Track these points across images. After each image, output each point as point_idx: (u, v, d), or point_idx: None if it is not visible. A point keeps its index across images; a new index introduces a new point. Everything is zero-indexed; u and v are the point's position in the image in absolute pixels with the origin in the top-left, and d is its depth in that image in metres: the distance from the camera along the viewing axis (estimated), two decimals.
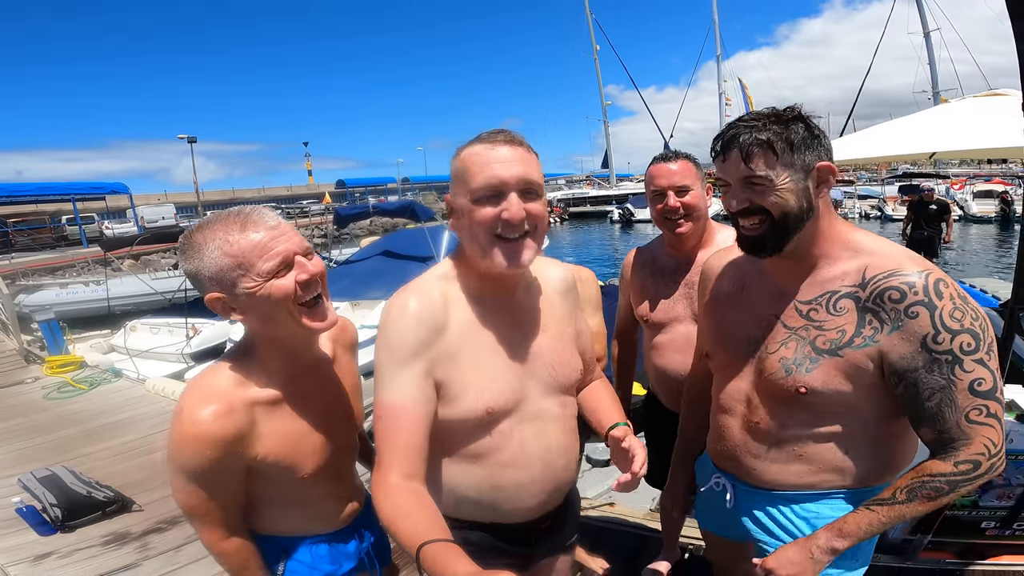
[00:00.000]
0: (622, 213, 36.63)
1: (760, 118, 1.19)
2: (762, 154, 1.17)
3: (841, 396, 1.22)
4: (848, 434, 1.27)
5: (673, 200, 1.97)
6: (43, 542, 3.40)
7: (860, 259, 1.22)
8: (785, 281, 1.31)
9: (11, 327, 8.67)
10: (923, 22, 39.09)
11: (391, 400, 1.15)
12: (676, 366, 2.09)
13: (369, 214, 12.68)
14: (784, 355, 1.27)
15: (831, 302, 1.23)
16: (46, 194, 28.22)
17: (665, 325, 2.12)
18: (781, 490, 1.37)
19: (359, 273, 8.53)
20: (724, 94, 60.22)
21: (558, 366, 1.33)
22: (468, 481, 1.27)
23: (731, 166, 1.21)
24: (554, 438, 1.32)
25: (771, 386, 1.30)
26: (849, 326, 1.20)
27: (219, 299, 1.19)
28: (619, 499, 3.47)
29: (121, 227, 30.13)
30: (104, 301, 12.61)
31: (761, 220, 1.21)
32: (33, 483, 3.76)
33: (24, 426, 5.51)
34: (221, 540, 1.28)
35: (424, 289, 1.23)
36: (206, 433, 1.16)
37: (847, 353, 1.19)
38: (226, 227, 1.17)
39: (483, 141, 1.19)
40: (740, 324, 1.39)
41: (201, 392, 1.22)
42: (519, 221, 1.16)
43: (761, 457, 1.37)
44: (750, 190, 1.20)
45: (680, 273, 2.10)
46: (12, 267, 18.39)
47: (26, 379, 7.17)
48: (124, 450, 4.77)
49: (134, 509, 3.73)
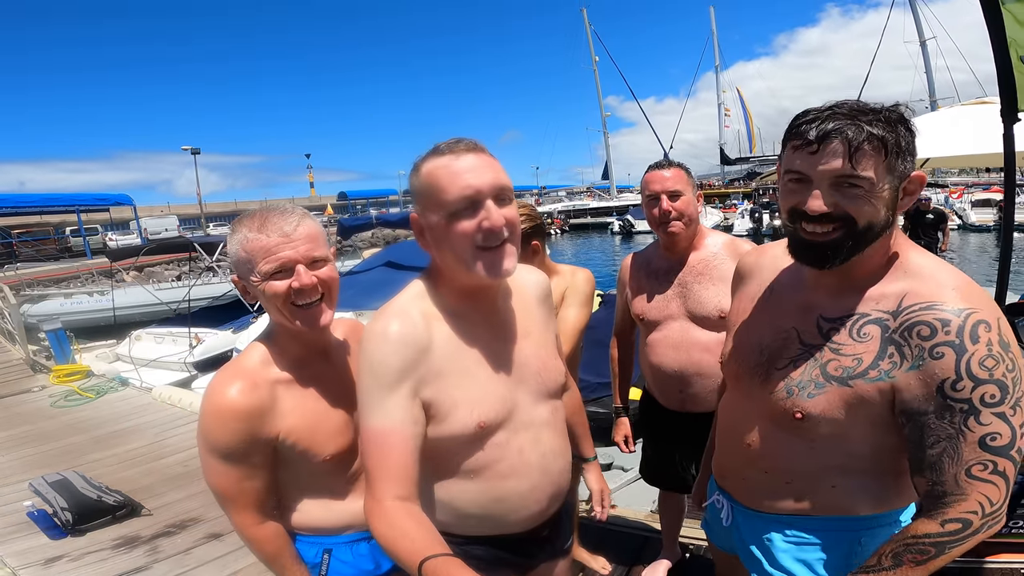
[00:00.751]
0: (622, 225, 36.79)
1: (864, 111, 1.04)
2: (872, 153, 1.02)
3: (839, 427, 1.14)
4: (843, 467, 1.19)
5: (666, 203, 2.08)
6: (54, 546, 3.45)
7: (904, 283, 1.10)
8: (816, 293, 1.20)
9: (18, 337, 8.76)
10: (919, 31, 39.42)
11: (379, 425, 1.13)
12: (670, 362, 2.19)
13: (372, 225, 12.80)
14: (791, 374, 1.18)
15: (856, 326, 1.12)
16: (50, 205, 28.37)
17: (660, 323, 2.21)
18: (772, 513, 1.30)
19: (363, 284, 8.57)
20: (723, 105, 60.57)
21: (544, 372, 1.33)
22: (468, 497, 1.25)
23: (825, 159, 1.04)
24: (549, 443, 1.32)
25: (770, 405, 1.22)
26: (867, 356, 1.09)
27: (238, 283, 1.38)
28: (620, 501, 3.51)
29: (125, 238, 30.34)
30: (109, 311, 12.68)
31: (836, 227, 1.06)
32: (44, 487, 3.82)
33: (32, 433, 5.57)
34: (255, 524, 1.34)
35: (403, 310, 1.20)
36: (233, 406, 1.27)
37: (857, 384, 1.10)
38: (250, 224, 1.31)
39: (444, 153, 1.16)
40: (757, 331, 1.30)
41: (228, 372, 1.35)
42: (500, 228, 1.15)
43: (751, 480, 1.32)
44: (840, 192, 1.05)
45: (673, 273, 2.20)
46: (18, 278, 18.49)
47: (33, 387, 7.25)
48: (131, 457, 4.83)
49: (143, 513, 3.78)
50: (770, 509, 1.31)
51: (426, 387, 1.17)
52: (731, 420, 1.37)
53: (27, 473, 4.43)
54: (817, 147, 1.04)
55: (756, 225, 27.33)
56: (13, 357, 8.61)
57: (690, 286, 2.16)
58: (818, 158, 1.04)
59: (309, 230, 1.33)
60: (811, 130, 1.05)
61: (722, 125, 61.97)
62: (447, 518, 1.26)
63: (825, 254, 1.09)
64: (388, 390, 1.14)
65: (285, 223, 1.30)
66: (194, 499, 3.90)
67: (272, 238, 1.29)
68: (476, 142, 1.19)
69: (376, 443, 1.13)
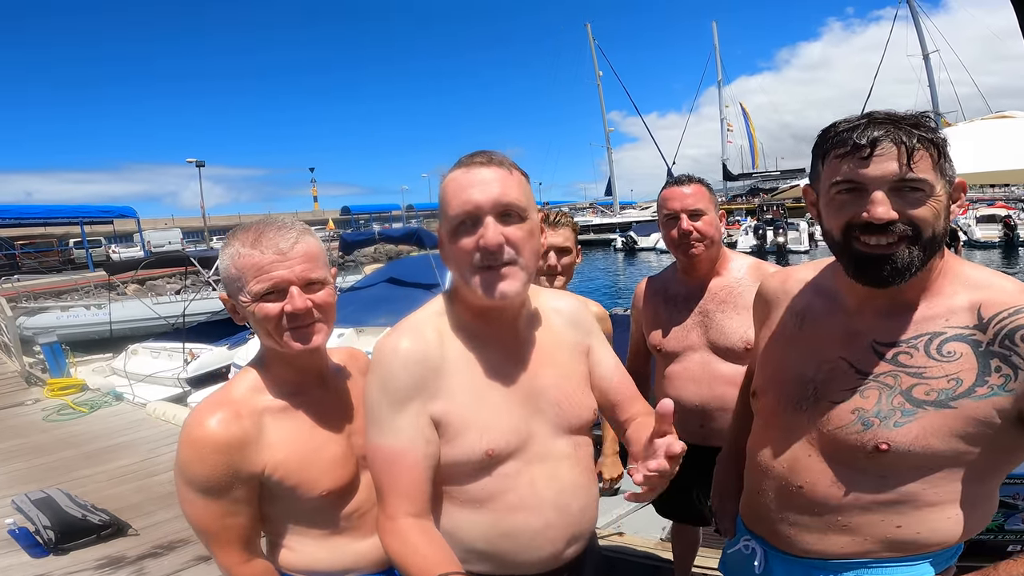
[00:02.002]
0: (625, 241, 36.74)
1: (902, 117, 1.01)
2: (926, 155, 0.98)
3: (934, 455, 1.04)
4: (915, 501, 1.08)
5: (686, 223, 1.93)
6: (35, 564, 3.33)
7: (968, 295, 1.04)
8: (861, 317, 1.12)
9: (13, 349, 8.67)
10: (922, 44, 39.72)
11: (389, 444, 1.10)
12: (690, 396, 2.03)
13: (375, 240, 12.79)
14: (861, 406, 1.08)
15: (934, 346, 1.04)
16: (55, 217, 28.56)
17: (679, 354, 2.06)
18: (819, 558, 1.18)
19: (364, 300, 8.55)
20: (726, 119, 60.87)
21: (564, 405, 1.22)
22: (475, 529, 1.17)
23: (881, 165, 0.98)
24: (568, 478, 1.21)
25: (834, 442, 1.11)
26: (966, 374, 1.01)
27: (227, 301, 1.26)
28: (629, 528, 3.39)
29: (128, 251, 30.44)
30: (106, 325, 12.61)
31: (900, 237, 0.99)
32: (27, 505, 3.70)
33: (23, 447, 5.45)
34: (240, 564, 1.22)
35: (417, 327, 1.17)
36: (210, 437, 1.16)
37: (963, 405, 1.01)
38: (243, 239, 1.20)
39: (461, 165, 1.13)
40: (797, 363, 1.20)
41: (212, 400, 1.24)
42: (496, 247, 1.08)
43: (798, 525, 1.20)
44: (902, 197, 0.98)
45: (693, 300, 2.05)
46: (15, 289, 18.47)
47: (26, 400, 7.14)
48: (121, 473, 4.70)
49: (130, 533, 3.65)
50: (818, 554, 1.18)
51: (436, 407, 1.13)
52: (767, 459, 1.25)
53: (13, 489, 4.30)
54: (870, 151, 0.98)
55: (760, 242, 27.21)
56: (8, 370, 8.52)
57: (712, 315, 2.00)
58: (872, 163, 0.98)
59: (308, 248, 1.21)
60: (858, 136, 0.99)
61: (724, 140, 62.26)
62: (455, 553, 1.14)
63: (895, 268, 1.00)
64: (398, 407, 1.11)
65: (282, 239, 1.19)
66: (184, 519, 3.73)
67: (266, 255, 1.17)
68: (498, 156, 1.14)
69: (386, 462, 1.11)
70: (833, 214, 1.05)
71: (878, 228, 0.99)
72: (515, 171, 1.14)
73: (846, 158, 1.01)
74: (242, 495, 1.20)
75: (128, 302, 14.87)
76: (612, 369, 1.34)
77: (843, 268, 1.09)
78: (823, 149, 1.07)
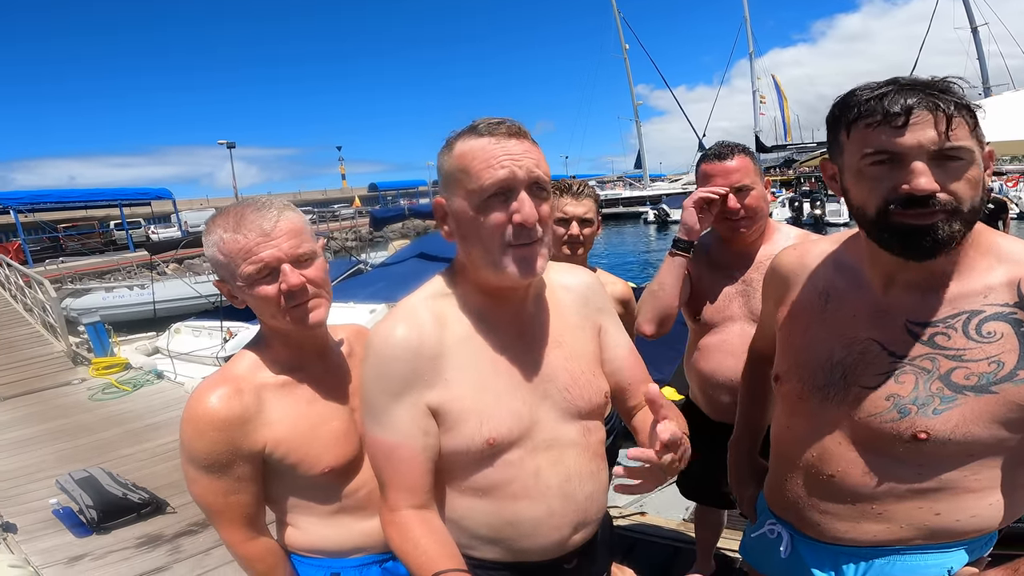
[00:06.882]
0: (657, 214, 36.13)
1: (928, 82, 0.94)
2: (962, 122, 0.91)
3: (975, 442, 0.98)
4: (960, 487, 1.03)
5: (733, 202, 1.80)
6: (79, 544, 3.47)
7: (1005, 269, 0.98)
8: (891, 294, 1.06)
9: (59, 330, 8.98)
10: (970, 17, 37.91)
11: (385, 437, 1.07)
12: (727, 371, 1.93)
13: (404, 216, 12.85)
14: (896, 392, 1.02)
15: (972, 325, 0.98)
16: (95, 200, 29.21)
17: (717, 325, 1.97)
18: (850, 546, 1.15)
19: (396, 276, 8.62)
20: (758, 92, 59.00)
21: (574, 388, 1.16)
22: (479, 517, 1.14)
23: (918, 133, 0.90)
24: (574, 466, 1.16)
25: (867, 430, 1.06)
26: (1008, 356, 0.95)
27: (222, 287, 1.26)
28: (651, 508, 3.37)
29: (166, 231, 31.07)
30: (150, 304, 12.95)
31: (941, 207, 0.92)
32: (71, 485, 3.85)
33: (68, 427, 5.68)
34: (245, 541, 1.25)
35: (411, 313, 1.10)
36: (210, 414, 1.17)
37: (1005, 389, 0.95)
38: (224, 224, 1.19)
39: (482, 133, 1.03)
40: (822, 345, 1.13)
41: (213, 378, 1.25)
42: (533, 223, 1.02)
43: (829, 513, 1.15)
44: (942, 168, 0.91)
45: (738, 269, 1.94)
46: (59, 271, 19.08)
47: (73, 380, 7.43)
48: (162, 451, 4.86)
49: (168, 511, 3.78)
50: (851, 542, 1.14)
51: (433, 395, 1.08)
52: (794, 448, 1.20)
53: (58, 468, 4.49)
54: (905, 119, 0.90)
55: (796, 214, 26.42)
56: (55, 350, 8.84)
57: (757, 284, 1.85)
58: (909, 132, 0.90)
59: (291, 224, 1.20)
60: (889, 103, 0.91)
61: (757, 112, 60.35)
62: (459, 538, 1.14)
63: (936, 240, 0.93)
64: (394, 399, 1.07)
65: (263, 220, 1.18)
66: None
67: (250, 237, 1.17)
68: (520, 126, 1.06)
69: (384, 455, 1.08)
70: (867, 188, 0.97)
71: (919, 201, 0.91)
72: (537, 145, 1.08)
73: (878, 127, 0.93)
74: (245, 473, 1.21)
75: (169, 281, 15.20)
76: (624, 351, 1.27)
77: (879, 244, 1.00)
78: (847, 119, 0.98)
